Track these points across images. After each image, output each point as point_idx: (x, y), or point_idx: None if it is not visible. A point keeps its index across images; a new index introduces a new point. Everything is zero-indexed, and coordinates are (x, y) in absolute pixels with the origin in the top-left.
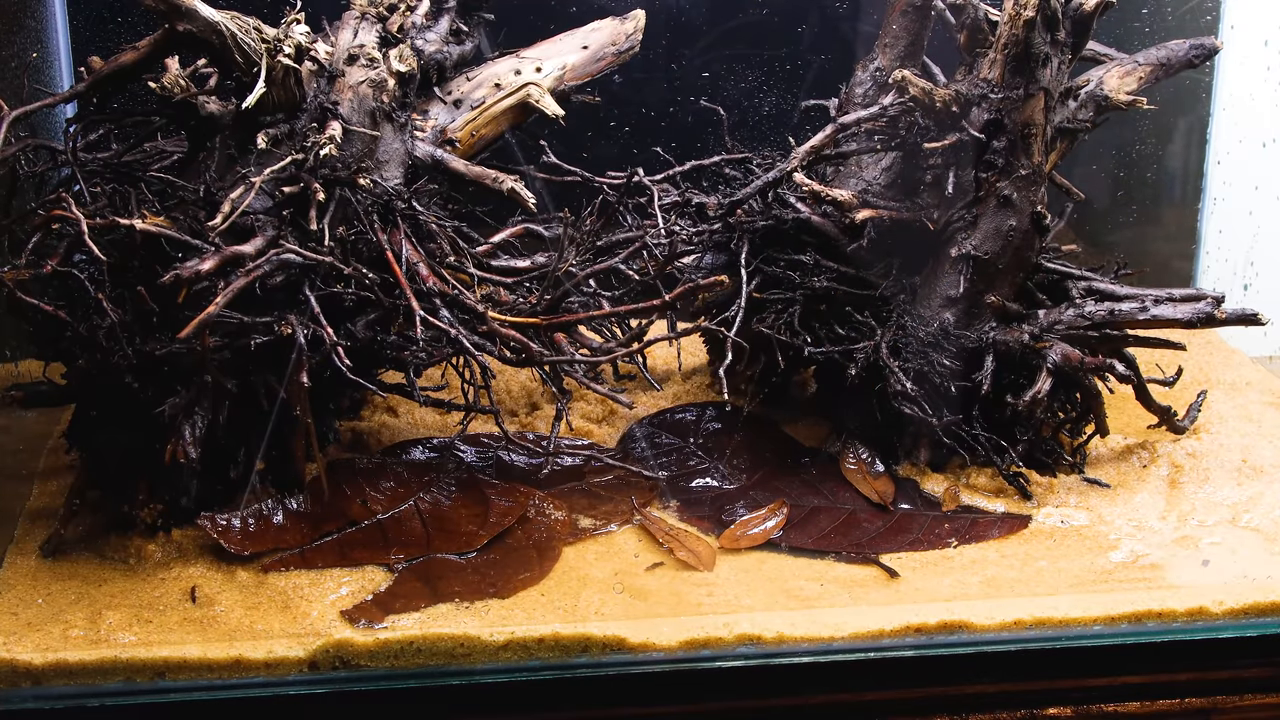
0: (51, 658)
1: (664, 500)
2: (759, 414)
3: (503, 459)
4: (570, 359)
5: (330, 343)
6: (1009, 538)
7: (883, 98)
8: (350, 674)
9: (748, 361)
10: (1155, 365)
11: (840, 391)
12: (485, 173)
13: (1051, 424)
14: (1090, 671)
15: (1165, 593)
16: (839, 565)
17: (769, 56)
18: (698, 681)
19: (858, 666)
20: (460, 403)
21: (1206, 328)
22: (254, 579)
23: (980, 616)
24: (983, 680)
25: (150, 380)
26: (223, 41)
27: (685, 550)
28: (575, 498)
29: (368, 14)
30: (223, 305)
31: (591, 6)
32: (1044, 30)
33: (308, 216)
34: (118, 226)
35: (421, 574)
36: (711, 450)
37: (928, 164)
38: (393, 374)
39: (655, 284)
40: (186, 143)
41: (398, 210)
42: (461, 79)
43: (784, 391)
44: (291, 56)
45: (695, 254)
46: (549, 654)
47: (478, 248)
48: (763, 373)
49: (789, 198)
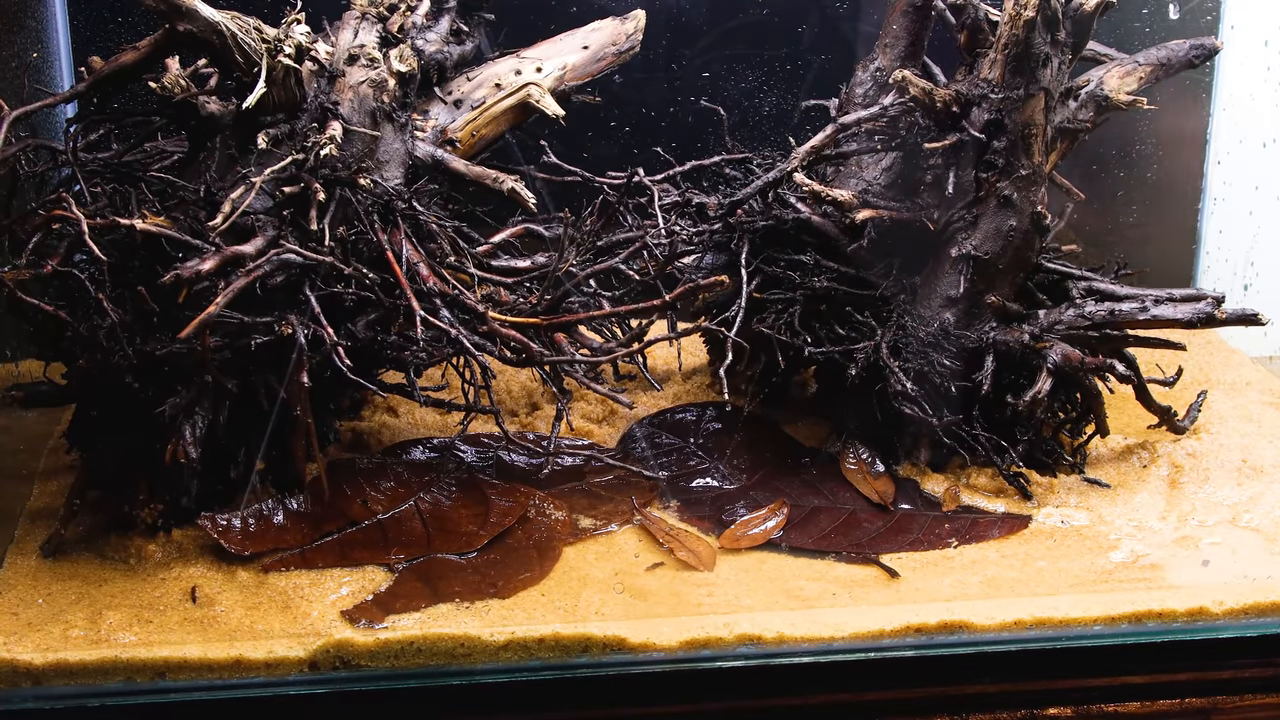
0: (52, 658)
1: (664, 500)
2: (759, 414)
3: (503, 459)
4: (570, 359)
5: (330, 343)
6: (1009, 538)
7: (883, 98)
8: (351, 674)
9: (748, 361)
10: (1155, 365)
11: (840, 391)
12: (485, 173)
13: (1052, 424)
14: (1090, 671)
15: (1165, 593)
16: (839, 565)
17: (769, 56)
18: (698, 681)
19: (858, 666)
20: (460, 403)
21: (1206, 328)
22: (254, 579)
23: (980, 616)
24: (983, 680)
25: (150, 380)
26: (223, 41)
27: (685, 550)
28: (575, 498)
29: (368, 14)
30: (223, 305)
31: (592, 6)
32: (1044, 30)
33: (308, 216)
34: (118, 226)
35: (422, 574)
36: (712, 450)
37: (928, 164)
38: (393, 374)
39: (655, 284)
40: (187, 143)
41: (398, 210)
42: (462, 79)
43: (784, 391)
44: (292, 56)
45: (695, 254)
46: (549, 654)
47: (478, 248)
48: (763, 373)
49: (789, 198)
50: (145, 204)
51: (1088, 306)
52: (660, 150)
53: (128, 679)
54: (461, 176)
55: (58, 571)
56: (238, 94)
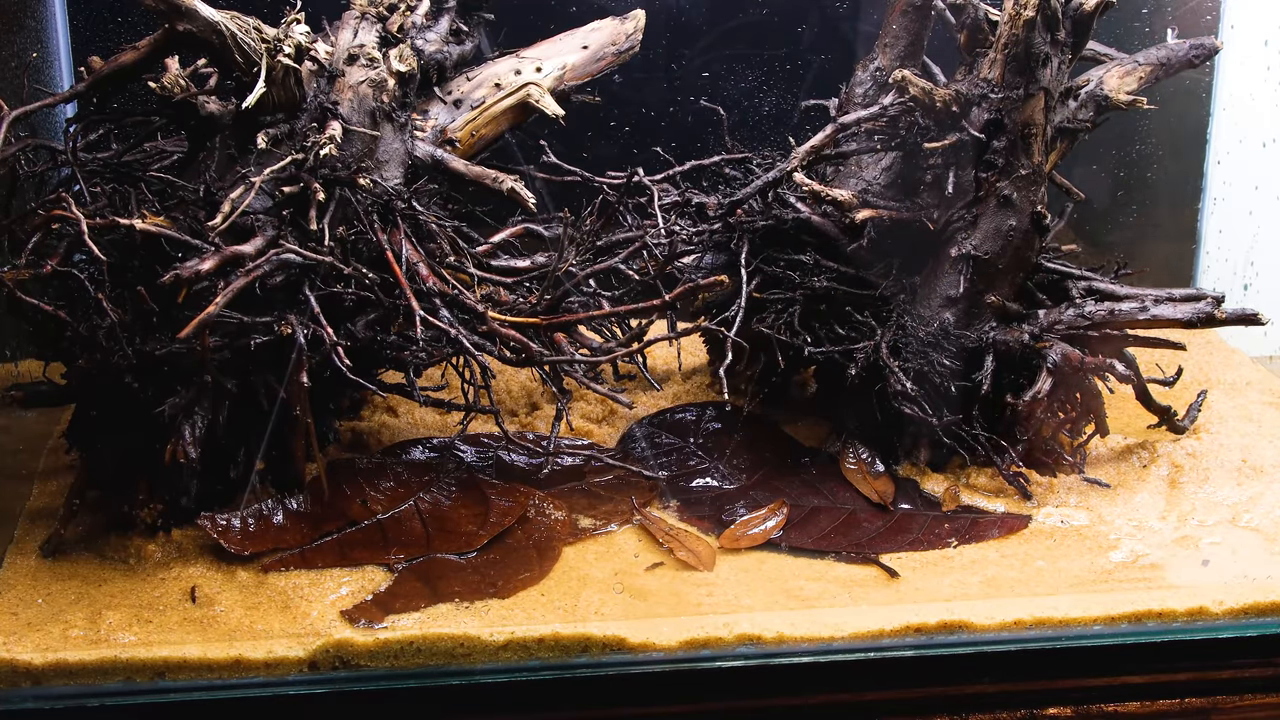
0: (51, 657)
1: (664, 500)
2: (759, 414)
3: (503, 459)
4: (570, 359)
5: (330, 343)
6: (1009, 538)
7: (883, 97)
8: (350, 674)
9: (748, 361)
10: (1155, 365)
11: (840, 391)
12: (485, 172)
13: (1052, 424)
14: (1090, 671)
15: (1165, 592)
16: (839, 565)
17: (769, 56)
18: (698, 681)
19: (858, 666)
20: (460, 403)
21: (1206, 328)
22: (254, 579)
23: (980, 616)
24: (983, 680)
25: (150, 380)
26: (223, 41)
27: (685, 550)
28: (575, 498)
29: (368, 14)
30: (223, 305)
31: (591, 6)
32: (1044, 30)
33: (308, 216)
34: (118, 226)
35: (421, 574)
36: (711, 450)
37: (928, 164)
38: (393, 374)
39: (655, 284)
40: (186, 143)
41: (398, 210)
42: (461, 79)
43: (784, 391)
44: (291, 56)
45: (695, 254)
46: (549, 654)
47: (478, 248)
48: (763, 373)
49: (789, 197)
50: (145, 204)
51: (1088, 306)
52: (660, 150)
53: (127, 679)
54: (461, 176)
55: (57, 571)
56: (237, 94)
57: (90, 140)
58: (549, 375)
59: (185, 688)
